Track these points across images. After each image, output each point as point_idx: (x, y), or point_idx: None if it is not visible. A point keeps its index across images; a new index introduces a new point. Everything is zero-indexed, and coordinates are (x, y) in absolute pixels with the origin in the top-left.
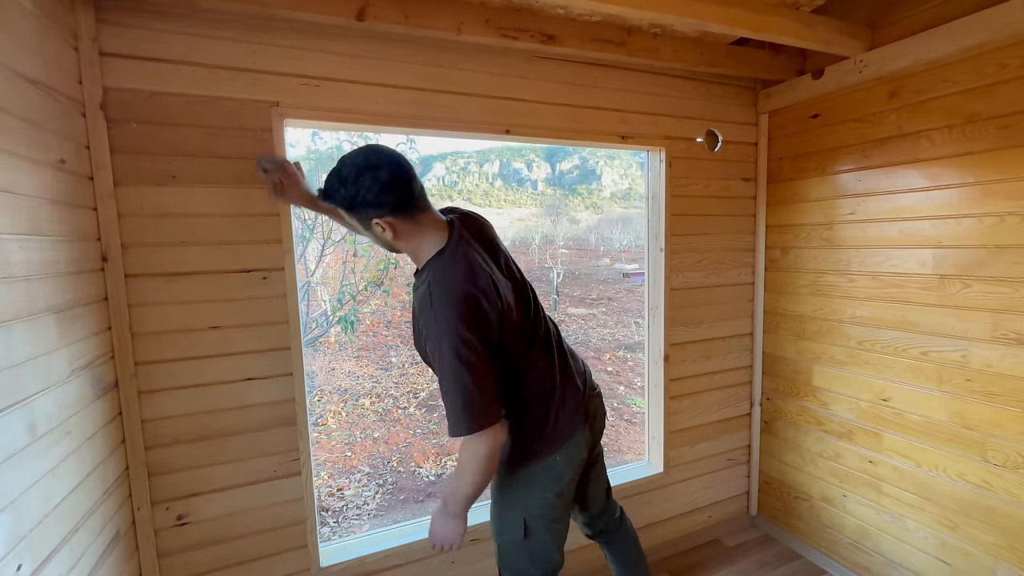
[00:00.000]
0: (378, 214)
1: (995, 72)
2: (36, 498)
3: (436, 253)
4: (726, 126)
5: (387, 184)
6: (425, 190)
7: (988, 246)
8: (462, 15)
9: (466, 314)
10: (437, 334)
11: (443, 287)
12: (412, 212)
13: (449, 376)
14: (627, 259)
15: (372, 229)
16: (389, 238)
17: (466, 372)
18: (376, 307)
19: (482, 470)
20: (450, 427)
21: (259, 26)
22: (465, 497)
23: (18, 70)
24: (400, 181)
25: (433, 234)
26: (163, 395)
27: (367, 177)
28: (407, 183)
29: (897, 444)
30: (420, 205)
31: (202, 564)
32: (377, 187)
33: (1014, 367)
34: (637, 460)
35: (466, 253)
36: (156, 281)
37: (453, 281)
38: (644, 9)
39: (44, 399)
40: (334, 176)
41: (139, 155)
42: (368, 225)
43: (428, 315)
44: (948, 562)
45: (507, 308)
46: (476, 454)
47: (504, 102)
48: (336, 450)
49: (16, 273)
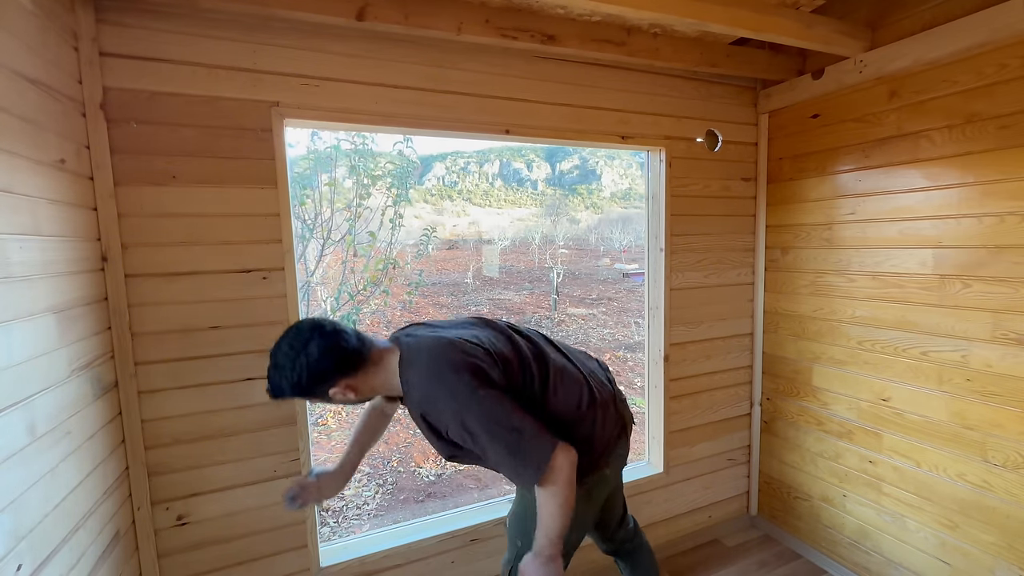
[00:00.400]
0: (331, 384)
1: (995, 72)
2: (36, 498)
3: (402, 364)
4: (726, 126)
5: (324, 353)
6: (360, 334)
7: (988, 246)
8: (462, 15)
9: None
10: (455, 408)
11: (430, 370)
12: (359, 362)
13: (487, 435)
14: (627, 259)
15: (334, 398)
16: (352, 398)
17: (499, 422)
18: (376, 307)
19: (566, 499)
20: (519, 481)
21: (259, 26)
22: (558, 534)
23: (18, 70)
24: (332, 346)
25: (391, 357)
26: (163, 395)
27: (301, 360)
28: (342, 342)
29: (897, 444)
30: (364, 350)
31: (202, 564)
32: (316, 362)
33: (1014, 367)
34: (637, 460)
35: (419, 338)
36: (156, 281)
37: (435, 361)
38: (644, 9)
39: (44, 399)
40: (271, 371)
41: (139, 155)
42: (328, 397)
43: (436, 402)
44: (948, 562)
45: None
46: (553, 492)
47: (504, 102)
48: (336, 450)
49: (16, 273)
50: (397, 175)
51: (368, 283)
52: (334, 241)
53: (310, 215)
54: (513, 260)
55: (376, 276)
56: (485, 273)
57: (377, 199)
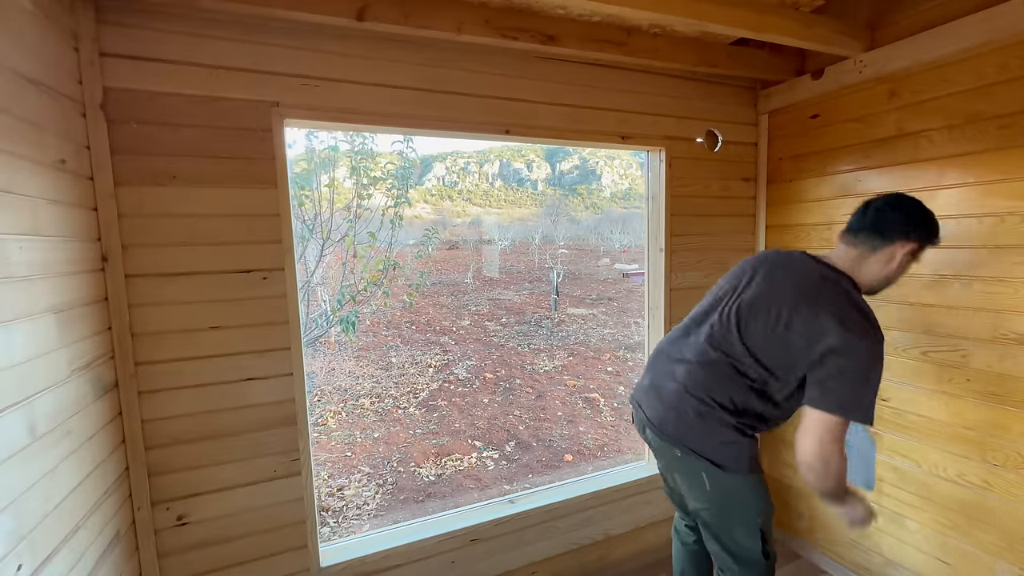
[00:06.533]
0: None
1: (995, 72)
2: (36, 498)
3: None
4: (726, 126)
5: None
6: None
7: (988, 246)
8: (462, 15)
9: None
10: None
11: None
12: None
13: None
14: (627, 259)
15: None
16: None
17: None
18: (376, 307)
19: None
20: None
21: (259, 26)
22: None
23: (18, 70)
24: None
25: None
26: (163, 395)
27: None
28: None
29: (897, 444)
30: None
31: (202, 564)
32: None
33: (1014, 367)
34: (637, 460)
35: None
36: (156, 281)
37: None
38: (644, 9)
39: (44, 399)
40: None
41: (139, 155)
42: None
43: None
44: (948, 562)
45: None
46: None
47: (504, 102)
48: (336, 450)
49: (16, 273)
50: (397, 175)
51: (368, 283)
52: (334, 241)
53: (310, 215)
54: (513, 260)
55: (376, 277)
56: (485, 273)
57: (377, 199)
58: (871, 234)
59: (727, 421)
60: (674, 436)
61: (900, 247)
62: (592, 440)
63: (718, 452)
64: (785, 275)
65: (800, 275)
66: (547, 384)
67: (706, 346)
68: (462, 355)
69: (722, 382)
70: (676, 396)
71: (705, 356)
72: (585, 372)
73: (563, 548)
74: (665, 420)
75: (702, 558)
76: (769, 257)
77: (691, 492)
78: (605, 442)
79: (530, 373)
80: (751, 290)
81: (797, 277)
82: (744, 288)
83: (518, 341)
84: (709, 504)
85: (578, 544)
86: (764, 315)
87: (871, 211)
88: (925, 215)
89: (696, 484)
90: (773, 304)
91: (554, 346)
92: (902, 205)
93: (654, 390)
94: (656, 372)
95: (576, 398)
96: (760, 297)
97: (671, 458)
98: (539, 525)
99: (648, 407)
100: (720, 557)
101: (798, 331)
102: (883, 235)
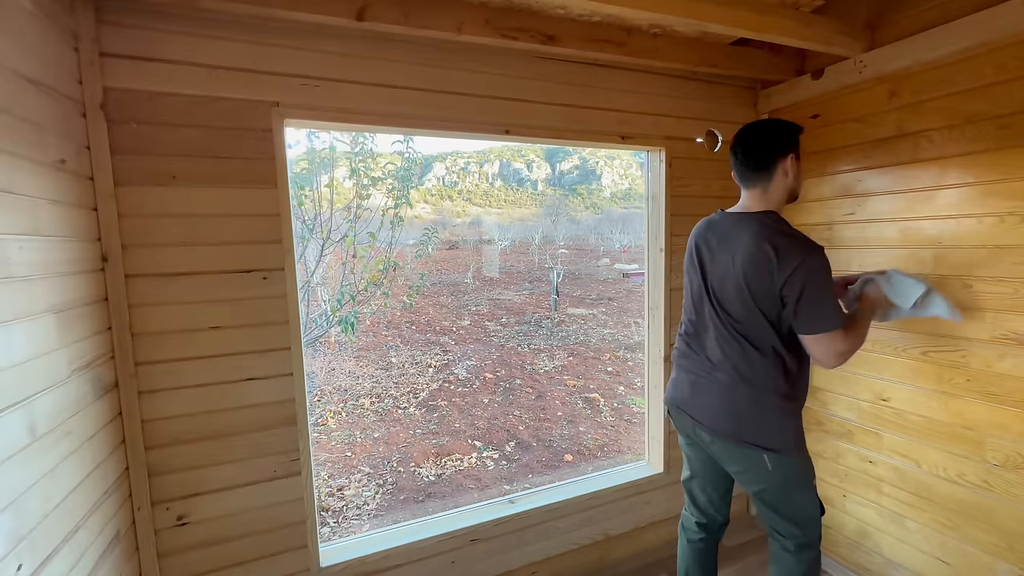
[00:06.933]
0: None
1: (995, 72)
2: (36, 498)
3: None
4: (726, 126)
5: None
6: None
7: (988, 246)
8: (462, 15)
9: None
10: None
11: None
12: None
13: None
14: (627, 259)
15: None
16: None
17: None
18: (376, 307)
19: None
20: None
21: (259, 26)
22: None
23: (18, 70)
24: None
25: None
26: (163, 395)
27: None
28: None
29: (897, 444)
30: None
31: (202, 564)
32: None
33: (1014, 367)
34: (637, 460)
35: None
36: (156, 281)
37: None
38: (644, 9)
39: (44, 399)
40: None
41: (139, 155)
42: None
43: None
44: (948, 562)
45: None
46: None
47: (504, 102)
48: (336, 450)
49: (16, 273)
50: (398, 176)
51: (368, 284)
52: (334, 241)
53: (310, 215)
54: (513, 260)
55: (376, 277)
56: (485, 273)
57: (377, 199)
58: (757, 173)
59: (778, 405)
60: (731, 432)
61: (783, 165)
62: (592, 440)
63: (776, 438)
64: (721, 245)
65: (731, 236)
66: (547, 384)
67: (726, 336)
68: (462, 355)
69: (755, 367)
70: (726, 392)
71: (731, 347)
72: (585, 372)
73: (563, 548)
74: (718, 418)
75: (708, 556)
76: (701, 234)
77: (750, 478)
78: (605, 442)
79: (530, 373)
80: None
81: (731, 241)
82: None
83: (518, 341)
84: (769, 484)
85: (578, 544)
86: (733, 286)
87: (742, 157)
88: (778, 128)
89: (757, 469)
90: (728, 274)
91: (554, 346)
92: (758, 138)
93: (698, 392)
94: (693, 375)
95: (576, 398)
96: (719, 273)
97: (726, 454)
98: (539, 525)
99: (695, 409)
100: (781, 526)
101: (758, 281)
102: (766, 167)
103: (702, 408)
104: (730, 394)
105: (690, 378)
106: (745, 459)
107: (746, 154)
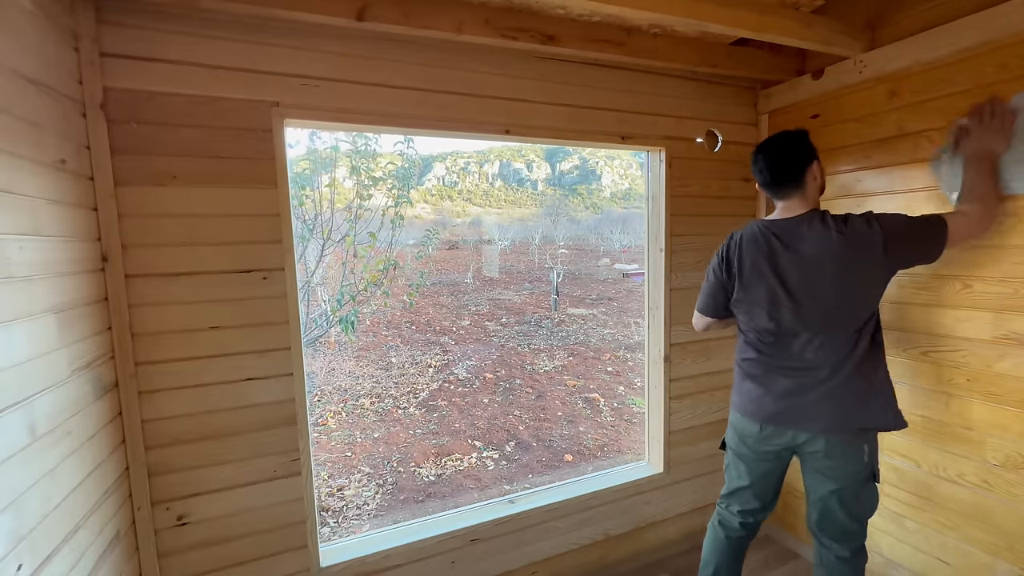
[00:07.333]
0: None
1: (995, 72)
2: (36, 498)
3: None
4: (726, 126)
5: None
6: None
7: (988, 246)
8: (462, 15)
9: None
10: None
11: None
12: None
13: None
14: (627, 259)
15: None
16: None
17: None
18: (376, 307)
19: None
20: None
21: (259, 26)
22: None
23: (18, 70)
24: None
25: None
26: (163, 395)
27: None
28: None
29: (897, 444)
30: None
31: (202, 564)
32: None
33: (1014, 367)
34: (637, 460)
35: None
36: (156, 281)
37: None
38: (644, 9)
39: (44, 399)
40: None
41: (139, 155)
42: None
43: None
44: (948, 562)
45: None
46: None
47: (504, 102)
48: (336, 450)
49: (17, 273)
50: (398, 176)
51: (368, 283)
52: (334, 241)
53: (310, 215)
54: (513, 260)
55: (376, 277)
56: (485, 273)
57: (378, 199)
58: (790, 187)
59: (884, 380)
60: (846, 425)
61: (810, 173)
62: (592, 440)
63: (888, 416)
64: (794, 245)
65: (805, 235)
66: (547, 384)
67: (819, 332)
68: (462, 355)
69: (856, 353)
70: (834, 387)
71: (829, 340)
72: (585, 372)
73: (563, 548)
74: (831, 416)
75: (743, 548)
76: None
77: (841, 473)
78: (605, 442)
79: (530, 373)
80: (789, 274)
81: (806, 239)
82: (784, 278)
83: (518, 341)
84: (856, 478)
85: (578, 544)
86: (831, 273)
87: (770, 178)
88: (796, 143)
89: (854, 463)
90: (818, 267)
91: (554, 346)
92: (783, 159)
93: (798, 398)
94: (786, 383)
95: (576, 398)
96: (801, 271)
97: (829, 452)
98: (539, 525)
99: (800, 417)
100: (844, 528)
101: (862, 256)
102: (796, 180)
103: (805, 411)
104: (838, 387)
105: (782, 387)
106: (849, 454)
107: (774, 174)
